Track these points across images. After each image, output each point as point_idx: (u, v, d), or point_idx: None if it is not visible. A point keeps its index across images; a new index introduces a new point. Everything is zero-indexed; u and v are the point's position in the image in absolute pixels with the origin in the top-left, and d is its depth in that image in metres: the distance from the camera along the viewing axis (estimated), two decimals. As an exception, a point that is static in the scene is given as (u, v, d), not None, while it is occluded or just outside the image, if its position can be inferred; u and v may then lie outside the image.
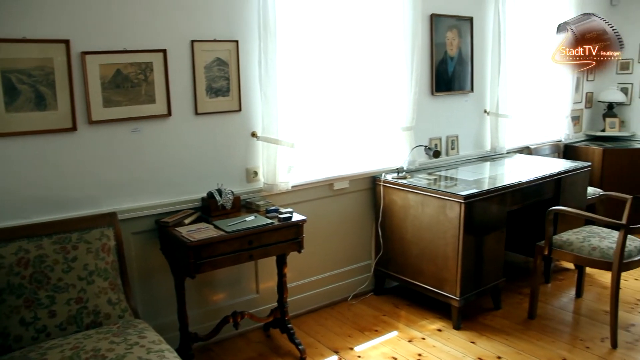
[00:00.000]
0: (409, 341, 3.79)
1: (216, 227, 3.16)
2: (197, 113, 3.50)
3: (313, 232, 4.01)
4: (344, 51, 4.20)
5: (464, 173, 4.59)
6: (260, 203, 3.58)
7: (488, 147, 5.38)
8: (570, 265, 4.96)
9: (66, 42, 2.94)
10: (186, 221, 3.27)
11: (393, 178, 4.30)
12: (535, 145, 5.80)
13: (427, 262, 4.04)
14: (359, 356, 3.62)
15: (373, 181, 4.43)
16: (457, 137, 5.08)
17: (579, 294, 4.46)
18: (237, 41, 3.57)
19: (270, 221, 3.27)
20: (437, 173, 4.57)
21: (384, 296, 4.51)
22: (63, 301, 2.68)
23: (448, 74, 4.89)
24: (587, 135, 6.61)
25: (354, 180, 4.34)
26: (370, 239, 4.55)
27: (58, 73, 2.94)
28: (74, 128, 3.04)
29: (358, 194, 4.42)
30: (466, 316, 4.06)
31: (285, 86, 3.69)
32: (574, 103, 6.16)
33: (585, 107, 6.58)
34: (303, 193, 4.04)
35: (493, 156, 5.32)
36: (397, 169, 4.40)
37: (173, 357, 2.51)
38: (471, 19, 4.99)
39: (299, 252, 3.44)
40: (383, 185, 4.33)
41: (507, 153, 5.42)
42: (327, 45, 4.10)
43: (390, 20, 4.32)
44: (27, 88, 2.87)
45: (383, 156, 4.53)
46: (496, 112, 5.23)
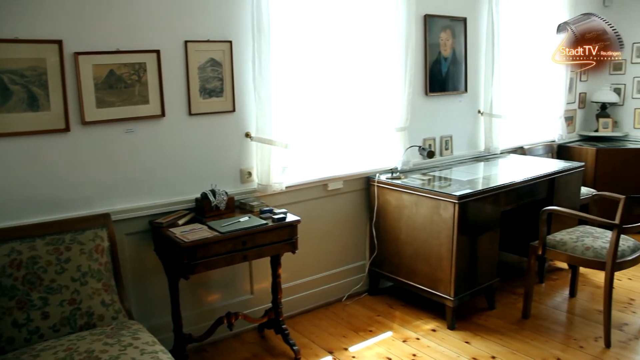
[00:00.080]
0: (404, 341, 3.80)
1: (210, 228, 3.16)
2: (191, 114, 3.49)
3: (307, 233, 4.01)
4: (338, 52, 4.20)
5: (458, 173, 4.59)
6: (254, 204, 3.57)
7: (482, 148, 5.39)
8: (564, 265, 4.98)
9: (59, 43, 2.93)
10: (180, 222, 3.27)
11: (387, 178, 4.30)
12: (528, 145, 5.82)
13: (422, 263, 4.05)
14: (354, 356, 3.62)
15: (367, 181, 4.43)
16: (451, 138, 5.09)
17: (573, 294, 4.48)
18: (231, 42, 3.57)
19: (264, 222, 3.27)
20: (431, 173, 4.58)
21: (379, 296, 4.51)
22: (56, 302, 2.67)
23: (442, 75, 4.89)
24: (581, 135, 6.64)
25: (348, 180, 4.34)
26: (364, 240, 4.55)
27: (51, 73, 2.93)
28: (67, 129, 3.03)
29: (352, 195, 4.42)
30: (460, 316, 4.06)
31: (279, 87, 3.69)
32: (568, 103, 6.18)
33: (578, 108, 6.61)
34: (297, 193, 4.04)
35: (487, 156, 5.33)
36: (391, 170, 4.40)
37: (167, 358, 2.50)
38: (465, 20, 5.00)
39: (293, 253, 3.43)
40: (377, 185, 4.33)
41: (501, 153, 5.43)
42: (321, 45, 4.10)
43: (384, 20, 4.32)
44: (20, 89, 2.85)
45: (377, 157, 4.53)
46: (490, 113, 5.24)
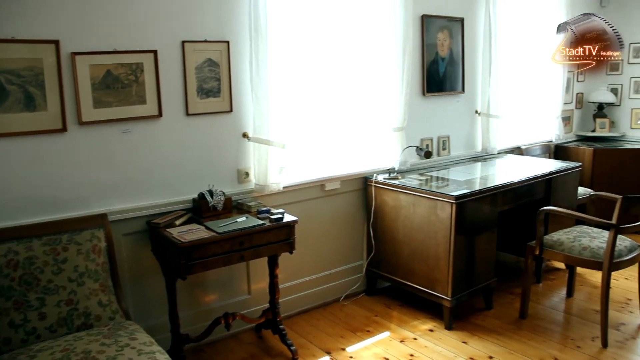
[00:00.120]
0: (401, 341, 3.80)
1: (207, 228, 3.15)
2: (188, 114, 3.49)
3: (305, 233, 4.01)
4: (335, 52, 4.20)
5: (455, 173, 4.60)
6: (251, 204, 3.57)
7: (479, 148, 5.39)
8: (561, 265, 4.98)
9: (56, 43, 2.93)
10: (177, 222, 3.26)
11: (384, 179, 4.30)
12: (526, 145, 5.82)
13: (419, 263, 4.05)
14: (351, 357, 3.62)
15: (364, 182, 4.43)
16: (449, 138, 5.09)
17: (570, 294, 4.48)
18: (228, 42, 3.57)
19: (261, 222, 3.26)
20: (429, 173, 4.58)
21: (376, 297, 4.51)
22: (53, 303, 2.66)
23: (439, 75, 4.90)
24: (578, 135, 6.65)
25: (346, 181, 4.34)
26: (361, 240, 4.55)
27: (48, 74, 2.93)
28: (64, 129, 3.03)
29: (349, 195, 4.42)
30: (458, 316, 4.07)
31: (276, 87, 3.68)
32: (565, 104, 6.18)
33: (575, 108, 6.62)
34: (294, 194, 4.03)
35: (484, 156, 5.33)
36: (389, 170, 4.40)
37: (164, 359, 2.50)
38: (462, 20, 5.00)
39: (291, 253, 3.43)
40: (374, 185, 4.33)
41: (498, 153, 5.44)
42: (319, 46, 4.10)
43: (381, 21, 4.32)
44: (16, 89, 2.85)
45: (374, 157, 4.53)
46: (487, 113, 5.25)
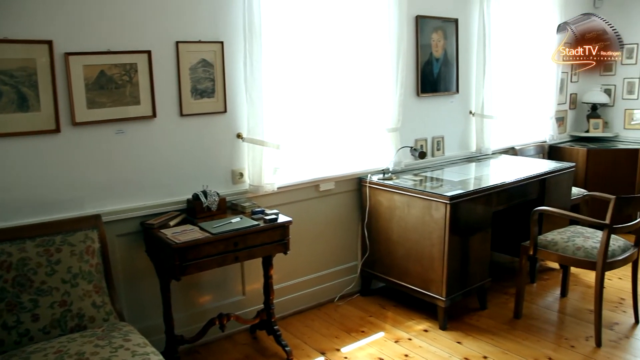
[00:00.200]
0: (396, 342, 3.80)
1: (201, 229, 3.15)
2: (182, 114, 3.48)
3: (299, 234, 4.00)
4: (330, 52, 4.20)
5: (450, 174, 4.60)
6: (246, 204, 3.57)
7: (473, 148, 5.40)
8: (555, 265, 5.00)
9: (49, 43, 2.91)
10: (171, 223, 3.25)
11: (379, 179, 4.30)
12: (520, 146, 5.84)
13: (413, 263, 4.05)
14: (346, 357, 3.62)
15: (359, 182, 4.44)
16: (443, 138, 5.10)
17: (564, 294, 4.50)
18: (222, 42, 3.56)
19: (256, 223, 3.26)
20: (423, 174, 4.59)
21: (371, 297, 4.51)
22: (46, 304, 2.65)
23: (433, 75, 4.90)
24: (572, 136, 6.67)
25: (340, 181, 4.34)
26: (356, 240, 4.55)
27: (41, 74, 2.91)
28: (58, 129, 3.01)
29: (344, 195, 4.42)
30: (452, 316, 4.07)
31: (270, 87, 3.68)
32: (558, 104, 6.21)
33: (569, 108, 6.64)
34: (289, 194, 4.03)
35: (478, 157, 5.34)
36: (383, 170, 4.40)
37: (158, 360, 2.50)
38: (456, 21, 5.01)
39: (285, 254, 3.43)
40: (369, 186, 4.33)
41: (493, 154, 5.45)
42: (313, 46, 4.10)
43: (375, 21, 4.32)
44: (9, 89, 2.83)
45: (369, 157, 4.53)
46: (481, 113, 5.26)
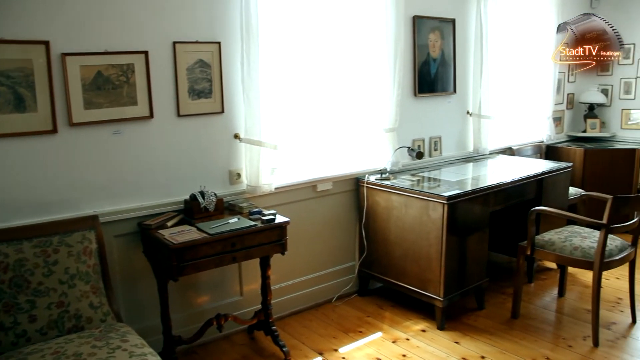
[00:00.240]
0: (393, 342, 3.80)
1: (199, 230, 3.15)
2: (180, 115, 3.48)
3: (297, 234, 4.00)
4: (327, 53, 4.20)
5: (447, 174, 4.61)
6: (243, 205, 3.57)
7: (471, 148, 5.41)
8: (552, 265, 5.00)
9: (46, 43, 2.91)
10: (169, 224, 3.25)
11: (376, 179, 4.30)
12: (517, 146, 5.84)
13: (411, 263, 4.05)
14: (344, 357, 3.62)
15: (356, 182, 4.44)
16: (440, 139, 5.11)
17: (562, 294, 4.50)
18: (220, 43, 3.56)
19: (253, 223, 3.26)
20: (420, 174, 4.59)
21: (368, 297, 4.51)
22: (44, 305, 2.65)
23: (431, 76, 4.91)
24: (569, 136, 6.68)
25: (338, 181, 4.34)
26: (354, 241, 4.55)
27: (38, 74, 2.91)
28: (55, 130, 3.01)
29: (341, 196, 4.42)
30: (450, 316, 4.08)
31: (268, 88, 3.68)
32: (556, 104, 6.21)
33: (566, 108, 6.65)
34: (286, 195, 4.03)
35: (476, 157, 5.35)
36: (381, 170, 4.40)
37: (156, 361, 2.49)
38: (453, 21, 5.01)
39: (283, 254, 3.43)
40: (366, 186, 4.33)
41: (490, 154, 5.45)
42: (310, 47, 4.10)
43: (373, 22, 4.33)
44: (6, 90, 2.83)
45: (366, 157, 4.53)
46: (479, 114, 5.26)
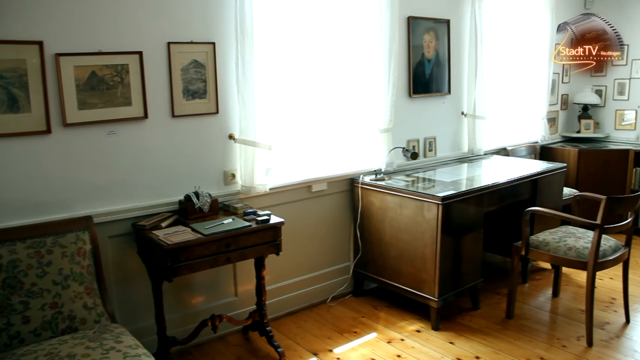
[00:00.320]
0: (388, 342, 3.80)
1: (193, 230, 3.14)
2: (174, 115, 3.47)
3: (291, 235, 4.00)
4: (322, 53, 4.20)
5: (442, 174, 4.61)
6: (238, 205, 3.56)
7: (465, 149, 5.42)
8: (547, 265, 5.02)
9: (39, 44, 2.90)
10: (163, 224, 3.24)
11: (371, 180, 4.30)
12: (512, 146, 5.86)
13: (406, 264, 4.06)
14: (338, 358, 3.62)
15: (351, 183, 4.44)
16: (435, 139, 5.11)
17: (556, 294, 4.51)
18: (214, 43, 3.56)
19: (248, 224, 3.26)
20: (415, 175, 4.60)
21: (363, 298, 4.51)
22: (37, 306, 2.64)
23: (425, 76, 4.91)
24: (563, 136, 6.70)
25: (332, 182, 4.34)
26: (348, 241, 4.56)
27: (31, 75, 2.90)
28: (48, 131, 3.00)
29: (336, 196, 4.42)
30: (445, 317, 4.08)
31: (262, 88, 3.68)
32: (550, 105, 6.23)
33: (560, 109, 6.66)
34: (281, 195, 4.03)
35: (470, 157, 5.36)
36: (375, 171, 4.41)
37: (150, 362, 2.49)
38: (448, 22, 5.02)
39: (277, 255, 3.43)
40: (361, 187, 4.33)
41: (485, 154, 5.47)
42: (305, 47, 4.10)
43: (367, 22, 4.33)
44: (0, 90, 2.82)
45: (361, 158, 4.53)
46: (473, 114, 5.27)
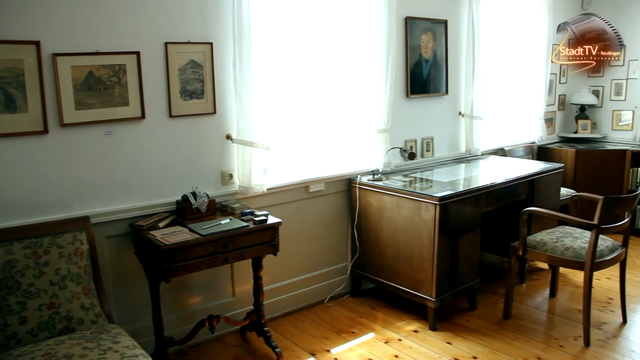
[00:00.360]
0: (386, 342, 3.80)
1: (191, 231, 3.14)
2: (172, 116, 3.47)
3: (289, 235, 4.01)
4: (320, 54, 4.21)
5: (439, 175, 4.62)
6: (235, 206, 3.56)
7: (463, 149, 5.42)
8: (544, 265, 5.03)
9: (37, 44, 2.89)
10: (160, 224, 3.24)
11: (368, 180, 4.31)
12: (509, 147, 5.86)
13: (403, 264, 4.06)
14: (336, 358, 3.62)
15: (349, 183, 4.44)
16: (432, 139, 5.12)
17: (553, 294, 4.52)
18: (212, 43, 3.56)
19: (245, 224, 3.25)
20: (413, 175, 4.60)
21: (361, 298, 4.51)
22: (34, 307, 2.63)
23: (423, 77, 4.92)
24: (560, 137, 6.71)
25: (330, 182, 4.34)
26: (346, 241, 4.56)
27: (28, 75, 2.89)
28: (46, 131, 2.99)
29: (334, 196, 4.42)
30: (442, 317, 4.08)
31: (260, 88, 3.68)
32: (547, 105, 6.24)
33: (558, 110, 6.68)
34: (278, 195, 4.03)
35: (468, 158, 5.36)
36: (373, 171, 4.41)
37: (147, 362, 2.49)
38: (445, 22, 5.03)
39: (275, 255, 3.43)
40: (359, 187, 4.33)
41: (482, 155, 5.47)
42: (303, 48, 4.10)
43: (365, 22, 4.33)
44: (-4, 90, 2.82)
45: (358, 158, 4.53)
46: (471, 114, 5.28)
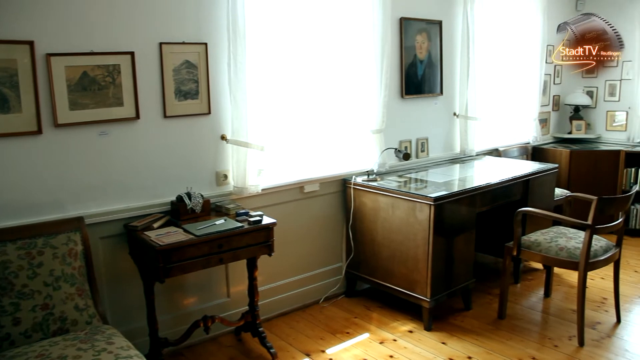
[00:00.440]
0: (381, 343, 3.81)
1: (185, 231, 3.13)
2: (166, 116, 3.46)
3: (284, 235, 4.00)
4: (314, 54, 4.21)
5: (434, 175, 4.62)
6: (230, 206, 3.56)
7: (457, 150, 5.43)
8: (538, 265, 5.04)
9: (30, 43, 2.88)
10: (155, 225, 3.23)
11: (363, 180, 4.31)
12: (504, 147, 5.88)
13: (398, 264, 4.06)
14: (331, 359, 3.61)
15: (343, 184, 4.44)
16: (427, 140, 5.12)
17: (548, 294, 4.53)
18: (206, 44, 3.55)
19: (240, 224, 3.25)
20: (407, 175, 4.60)
21: (356, 298, 4.51)
22: (28, 308, 2.63)
23: (418, 77, 4.92)
24: (555, 137, 6.73)
25: (325, 183, 4.34)
26: (341, 242, 4.56)
27: (22, 75, 2.88)
28: (39, 131, 2.98)
29: (328, 197, 4.42)
30: (437, 317, 4.09)
31: (254, 89, 3.67)
32: (542, 106, 6.27)
33: (552, 110, 6.70)
34: (273, 196, 4.03)
35: (462, 158, 5.37)
36: (368, 172, 4.41)
37: (141, 363, 2.48)
38: (440, 23, 5.04)
39: (270, 255, 3.42)
40: (353, 187, 4.33)
41: (477, 155, 5.48)
42: (298, 48, 4.10)
43: (360, 23, 4.33)
44: (-10, 90, 2.81)
45: (353, 159, 4.54)
46: (465, 115, 5.29)
